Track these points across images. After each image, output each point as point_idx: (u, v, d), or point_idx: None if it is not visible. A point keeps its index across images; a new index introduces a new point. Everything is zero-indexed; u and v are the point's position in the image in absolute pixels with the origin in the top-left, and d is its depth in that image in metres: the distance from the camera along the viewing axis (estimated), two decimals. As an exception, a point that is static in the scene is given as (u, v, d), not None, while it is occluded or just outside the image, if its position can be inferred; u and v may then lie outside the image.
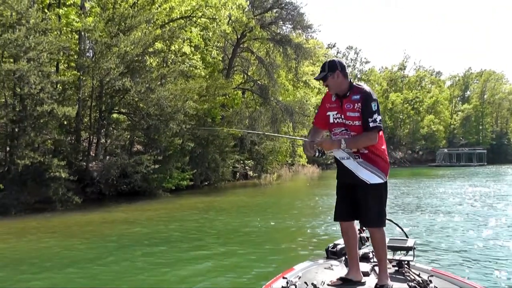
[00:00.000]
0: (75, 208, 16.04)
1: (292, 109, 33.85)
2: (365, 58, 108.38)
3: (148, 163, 19.09)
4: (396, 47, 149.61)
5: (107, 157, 19.98)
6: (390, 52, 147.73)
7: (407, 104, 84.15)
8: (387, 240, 4.55)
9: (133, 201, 18.44)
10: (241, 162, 33.79)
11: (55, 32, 17.27)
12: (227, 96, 29.12)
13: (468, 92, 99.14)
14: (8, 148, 16.08)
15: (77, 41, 20.54)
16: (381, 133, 3.97)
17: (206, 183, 26.78)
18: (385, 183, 3.96)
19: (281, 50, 33.44)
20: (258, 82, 34.47)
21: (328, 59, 4.22)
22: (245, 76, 36.37)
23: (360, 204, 3.97)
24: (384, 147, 4.03)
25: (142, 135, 21.99)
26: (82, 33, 20.09)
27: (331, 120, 4.07)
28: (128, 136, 22.11)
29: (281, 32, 34.11)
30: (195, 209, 16.90)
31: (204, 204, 18.46)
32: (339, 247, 4.96)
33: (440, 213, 14.64)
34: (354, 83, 4.03)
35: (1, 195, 14.61)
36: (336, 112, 4.03)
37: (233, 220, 14.09)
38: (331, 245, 5.10)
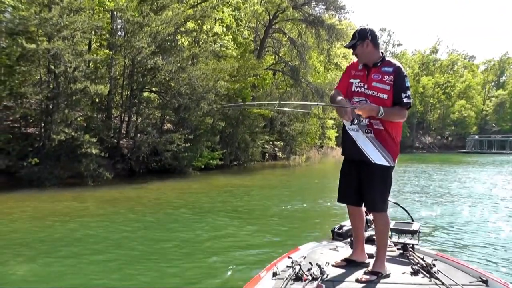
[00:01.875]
0: (106, 184, 16.33)
1: (322, 91, 33.41)
2: (397, 40, 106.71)
3: (179, 141, 19.33)
4: (429, 30, 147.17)
5: (138, 135, 20.21)
6: (422, 35, 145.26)
7: (438, 88, 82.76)
8: (392, 223, 4.56)
9: (163, 178, 18.65)
10: (271, 143, 33.87)
11: (88, 12, 17.43)
12: (258, 77, 29.07)
13: (504, 78, 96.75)
14: (43, 124, 16.40)
15: (109, 20, 20.72)
16: None
17: (236, 163, 26.94)
18: (391, 167, 3.82)
19: (313, 31, 33.17)
20: (289, 63, 34.30)
21: (360, 27, 3.99)
22: (277, 57, 36.23)
23: (364, 186, 3.87)
24: (400, 128, 3.92)
25: (172, 114, 22.16)
26: (114, 13, 20.26)
27: (353, 88, 3.91)
28: (159, 115, 22.31)
29: (314, 13, 33.66)
30: (222, 188, 17.06)
31: (231, 183, 18.65)
32: (344, 228, 5.01)
33: (456, 200, 14.71)
34: (386, 57, 3.87)
35: (36, 169, 15.00)
36: (359, 80, 3.88)
37: (256, 200, 14.23)
38: (337, 226, 5.15)
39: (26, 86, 15.39)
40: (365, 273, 3.67)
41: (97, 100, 18.93)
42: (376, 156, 3.74)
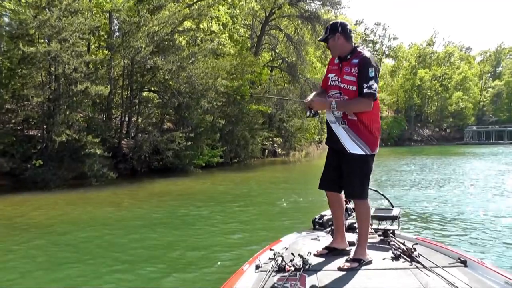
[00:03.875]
0: (109, 184, 16.45)
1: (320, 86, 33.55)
2: (393, 34, 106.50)
3: (180, 140, 19.47)
4: (425, 23, 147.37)
5: (139, 134, 20.33)
6: (419, 28, 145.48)
7: (435, 81, 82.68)
8: (372, 210, 4.59)
9: (165, 177, 18.77)
10: (270, 139, 33.95)
11: (86, 13, 17.54)
12: (255, 73, 29.14)
13: (500, 68, 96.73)
14: (45, 126, 16.53)
15: (107, 21, 20.85)
16: (377, 102, 3.86)
17: (236, 160, 27.02)
18: (369, 156, 3.86)
19: (309, 27, 33.26)
20: (286, 59, 34.41)
21: (331, 21, 4.10)
22: (273, 53, 36.33)
23: (343, 175, 3.94)
24: (376, 118, 3.91)
25: (173, 113, 22.27)
26: (112, 14, 20.39)
27: (329, 82, 3.99)
28: (159, 114, 22.44)
29: (310, 9, 33.75)
30: (221, 186, 17.28)
31: (230, 181, 18.90)
32: (325, 218, 5.05)
33: (438, 187, 15.25)
34: (358, 48, 3.89)
35: (40, 171, 15.14)
36: (334, 74, 3.93)
37: (252, 196, 14.38)
38: (317, 216, 5.17)
39: (28, 89, 15.53)
40: (346, 260, 3.72)
41: (97, 100, 19.04)
42: (351, 146, 3.82)
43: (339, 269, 3.56)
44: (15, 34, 15.28)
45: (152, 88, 21.90)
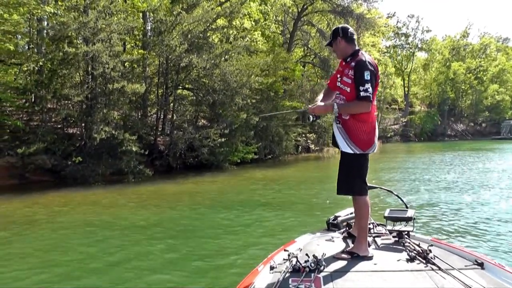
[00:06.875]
0: (146, 180, 16.84)
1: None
2: (426, 26, 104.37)
3: (215, 137, 19.71)
4: (459, 14, 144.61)
5: (174, 132, 20.61)
6: (453, 20, 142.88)
7: (470, 74, 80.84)
8: (387, 211, 4.71)
9: (200, 173, 19.03)
10: (303, 135, 33.93)
11: (123, 14, 17.89)
12: (288, 69, 29.18)
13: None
14: (83, 124, 16.97)
15: (141, 21, 21.22)
16: (373, 103, 3.99)
17: (270, 156, 27.12)
18: (357, 155, 4.01)
19: (342, 21, 33.08)
20: (319, 54, 34.33)
21: (335, 26, 4.33)
22: (306, 49, 36.26)
23: None
24: (369, 118, 4.01)
25: (207, 110, 22.51)
26: (147, 13, 20.74)
27: (336, 83, 4.16)
28: (193, 111, 22.71)
29: (342, 3, 33.58)
30: (254, 182, 17.36)
31: (264, 177, 18.93)
32: (339, 219, 5.02)
33: (456, 187, 14.64)
34: (360, 51, 4.06)
35: (80, 167, 15.65)
36: (339, 75, 4.10)
37: (282, 193, 14.42)
38: (332, 217, 5.13)
39: (67, 88, 15.99)
40: (342, 252, 3.87)
41: (133, 99, 19.41)
42: (342, 144, 4.03)
43: (335, 257, 3.75)
44: (55, 36, 15.76)
45: (187, 86, 22.19)
